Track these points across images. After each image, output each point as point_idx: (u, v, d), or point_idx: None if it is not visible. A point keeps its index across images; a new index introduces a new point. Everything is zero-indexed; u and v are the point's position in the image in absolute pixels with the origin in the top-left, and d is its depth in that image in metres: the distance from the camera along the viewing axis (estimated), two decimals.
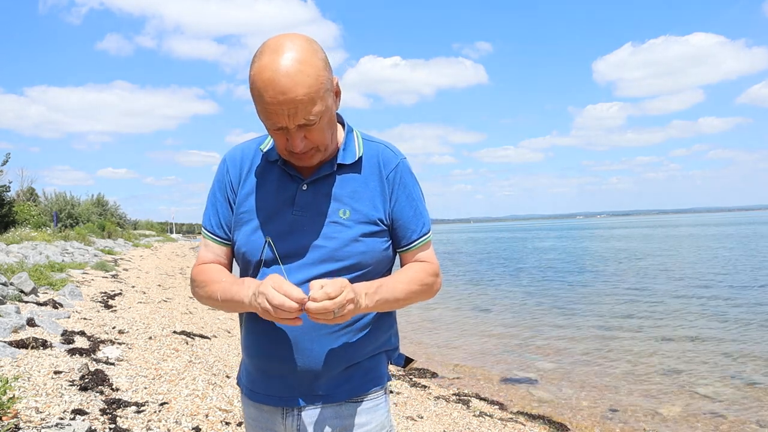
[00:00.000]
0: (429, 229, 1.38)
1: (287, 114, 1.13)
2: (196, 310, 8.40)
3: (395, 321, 1.41)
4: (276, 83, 1.10)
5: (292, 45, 1.13)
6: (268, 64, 1.11)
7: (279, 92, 1.10)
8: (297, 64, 1.11)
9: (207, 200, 1.39)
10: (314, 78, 1.13)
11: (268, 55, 1.12)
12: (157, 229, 63.99)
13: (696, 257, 24.74)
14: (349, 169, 1.30)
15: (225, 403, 3.65)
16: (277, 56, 1.11)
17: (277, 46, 1.13)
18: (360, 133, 1.36)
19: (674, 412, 5.53)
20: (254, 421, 1.37)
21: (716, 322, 9.92)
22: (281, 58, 1.11)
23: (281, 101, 1.11)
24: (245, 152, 1.36)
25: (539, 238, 60.91)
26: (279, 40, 1.14)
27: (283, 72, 1.10)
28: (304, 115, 1.13)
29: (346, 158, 1.30)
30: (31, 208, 26.02)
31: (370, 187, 1.30)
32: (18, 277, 6.39)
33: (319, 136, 1.20)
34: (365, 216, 1.28)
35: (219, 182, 1.37)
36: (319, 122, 1.17)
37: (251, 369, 1.35)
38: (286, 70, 1.10)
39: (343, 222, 1.26)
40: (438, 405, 5.27)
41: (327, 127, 1.22)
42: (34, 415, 2.81)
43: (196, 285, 1.34)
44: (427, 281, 1.34)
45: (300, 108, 1.12)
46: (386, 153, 1.34)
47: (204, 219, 1.38)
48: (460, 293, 14.97)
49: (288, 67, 1.10)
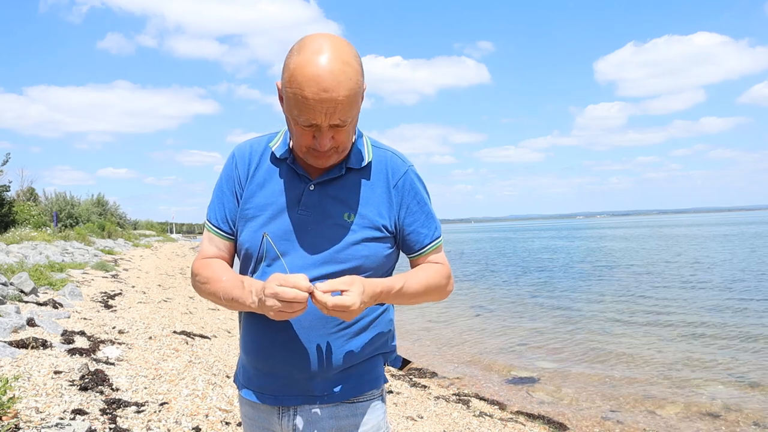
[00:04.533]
0: (441, 233, 1.40)
1: (325, 112, 1.13)
2: (196, 310, 8.40)
3: (393, 323, 1.41)
4: (321, 80, 1.10)
5: (336, 46, 1.13)
6: (313, 61, 1.10)
7: (322, 89, 1.10)
8: (342, 65, 1.11)
9: (213, 194, 1.38)
10: (355, 81, 1.13)
11: (312, 52, 1.11)
12: (158, 229, 63.98)
13: (696, 257, 24.73)
14: (357, 174, 1.30)
15: (225, 403, 3.65)
16: (322, 54, 1.11)
17: (322, 45, 1.12)
18: (369, 139, 1.36)
19: (674, 412, 5.53)
20: (250, 419, 1.37)
21: (717, 322, 9.92)
22: (327, 56, 1.11)
23: (323, 99, 1.11)
24: (254, 148, 1.36)
25: (539, 238, 60.90)
26: (322, 39, 1.14)
27: (329, 70, 1.10)
28: (340, 115, 1.14)
29: (356, 162, 1.30)
30: (31, 208, 26.01)
31: (377, 194, 1.30)
32: (18, 277, 6.39)
33: (345, 137, 1.22)
34: (370, 221, 1.28)
35: (227, 176, 1.37)
36: (349, 125, 1.19)
37: (248, 367, 1.35)
38: (332, 69, 1.10)
39: (347, 225, 1.26)
40: (438, 405, 5.28)
41: (352, 130, 1.24)
42: (34, 415, 2.81)
43: (199, 281, 1.34)
44: (442, 282, 1.37)
45: (339, 108, 1.13)
46: (395, 161, 1.35)
47: (209, 212, 1.37)
48: (460, 293, 14.97)
49: (334, 67, 1.11)
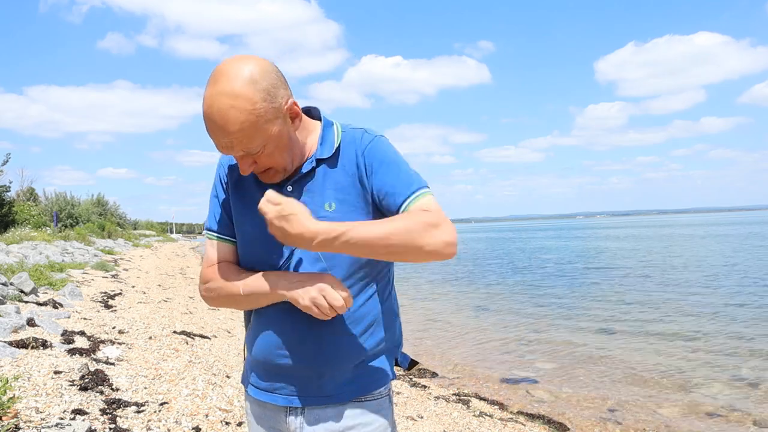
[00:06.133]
0: (420, 186, 1.24)
1: (224, 146, 1.17)
2: (196, 310, 8.40)
3: (400, 321, 1.40)
4: (210, 118, 1.14)
5: (228, 77, 1.13)
6: (207, 97, 1.14)
7: (214, 127, 1.14)
8: (228, 100, 1.11)
9: (209, 201, 1.41)
10: (247, 113, 1.12)
11: (210, 86, 1.14)
12: (158, 229, 64.02)
13: (696, 257, 24.72)
14: (328, 162, 1.29)
15: (225, 403, 3.65)
16: (214, 89, 1.13)
17: (217, 77, 1.14)
18: (340, 125, 1.33)
19: (674, 412, 5.53)
20: (257, 418, 1.37)
21: (717, 322, 9.92)
22: (216, 92, 1.12)
23: (217, 135, 1.15)
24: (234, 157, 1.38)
25: (539, 238, 60.89)
26: (221, 69, 1.15)
27: (216, 108, 1.12)
28: (241, 147, 1.16)
29: (324, 152, 1.29)
30: (31, 208, 26.02)
31: (349, 174, 1.28)
32: (18, 277, 6.39)
33: (269, 160, 1.22)
34: (350, 204, 1.26)
35: (216, 183, 1.40)
36: (265, 150, 1.19)
37: (256, 366, 1.35)
38: (218, 107, 1.12)
39: (329, 215, 1.24)
40: (438, 405, 5.27)
41: (278, 150, 1.21)
42: (34, 415, 2.81)
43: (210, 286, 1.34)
44: (415, 227, 1.13)
45: (236, 142, 1.15)
46: (360, 135, 1.31)
47: (207, 220, 1.39)
48: (460, 293, 14.97)
49: (219, 104, 1.12)
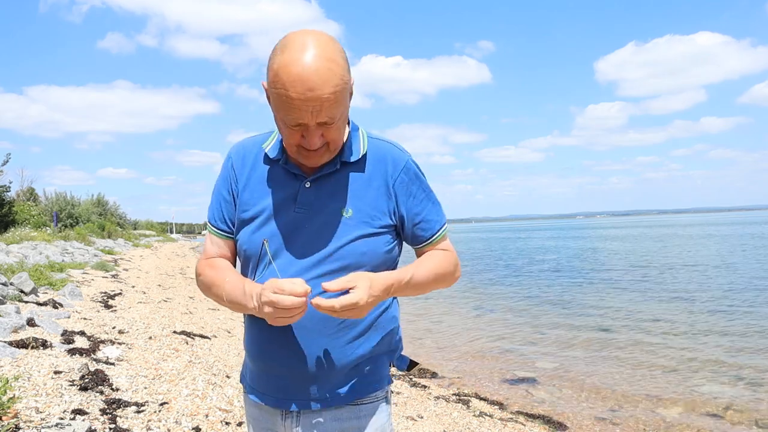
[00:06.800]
0: (445, 220, 1.41)
1: (311, 111, 1.12)
2: (196, 310, 8.40)
3: (398, 321, 1.39)
4: (305, 80, 1.08)
5: (320, 43, 1.12)
6: (297, 60, 1.09)
7: (307, 89, 1.09)
8: (326, 63, 1.10)
9: (212, 194, 1.40)
10: (340, 77, 1.12)
11: (296, 51, 1.10)
12: (158, 229, 64.02)
13: (696, 257, 24.72)
14: (352, 167, 1.29)
15: (225, 403, 3.65)
16: (305, 52, 1.09)
17: (305, 43, 1.11)
18: (365, 132, 1.34)
19: (674, 412, 5.53)
20: (255, 420, 1.37)
21: (717, 322, 9.92)
22: (311, 54, 1.09)
23: (309, 98, 1.10)
24: (249, 148, 1.36)
25: (539, 238, 60.88)
26: (306, 37, 1.12)
27: (314, 69, 1.08)
28: (327, 113, 1.13)
29: (350, 156, 1.28)
30: (31, 208, 26.01)
31: (374, 186, 1.28)
32: (18, 277, 6.39)
33: (336, 134, 1.20)
34: (368, 215, 1.26)
35: (223, 177, 1.38)
36: (338, 121, 1.18)
37: (253, 369, 1.35)
38: (317, 68, 1.09)
39: (345, 221, 1.25)
40: (438, 405, 5.27)
41: (342, 126, 1.22)
42: (34, 415, 2.81)
43: (203, 281, 1.36)
44: (450, 269, 1.38)
45: (325, 106, 1.11)
46: (393, 151, 1.32)
47: (209, 213, 1.39)
48: (460, 293, 14.96)
49: (318, 65, 1.09)
